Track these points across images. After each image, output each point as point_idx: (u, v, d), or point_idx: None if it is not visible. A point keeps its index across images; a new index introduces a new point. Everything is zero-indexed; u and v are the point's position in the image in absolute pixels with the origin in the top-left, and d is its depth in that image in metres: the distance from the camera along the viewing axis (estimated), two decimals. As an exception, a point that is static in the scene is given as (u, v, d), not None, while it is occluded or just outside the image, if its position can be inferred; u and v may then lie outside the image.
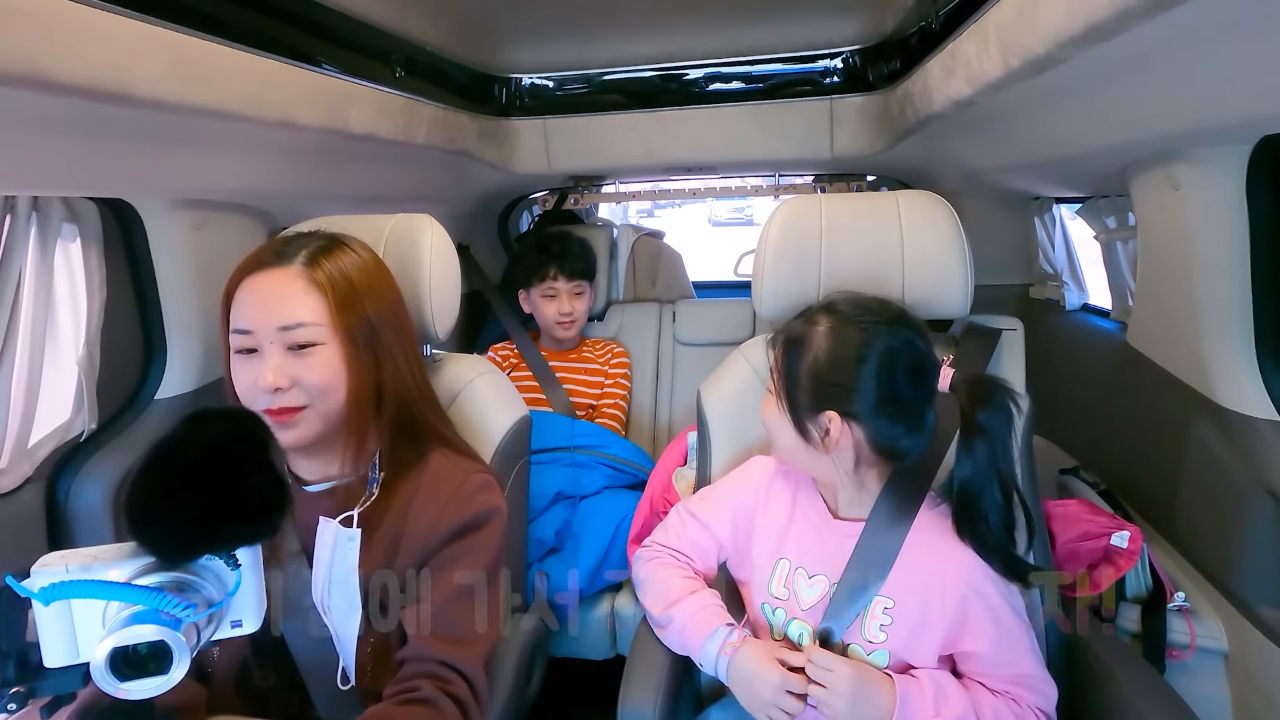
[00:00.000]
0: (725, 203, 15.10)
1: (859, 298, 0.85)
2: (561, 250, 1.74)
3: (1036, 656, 0.81)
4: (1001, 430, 0.76)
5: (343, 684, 0.79)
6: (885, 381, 0.77)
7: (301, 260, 0.79)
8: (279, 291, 0.77)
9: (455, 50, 1.45)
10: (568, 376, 1.73)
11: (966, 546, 0.81)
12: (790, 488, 0.92)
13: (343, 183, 1.33)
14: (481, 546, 0.83)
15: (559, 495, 1.41)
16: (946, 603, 0.79)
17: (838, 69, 1.59)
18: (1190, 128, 0.83)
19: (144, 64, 0.71)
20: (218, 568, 0.56)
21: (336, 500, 0.83)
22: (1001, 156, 1.33)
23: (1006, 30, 0.79)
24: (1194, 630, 0.97)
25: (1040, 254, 1.72)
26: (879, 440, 0.79)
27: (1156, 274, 1.08)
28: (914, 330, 0.80)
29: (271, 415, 0.76)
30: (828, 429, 0.79)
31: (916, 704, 0.76)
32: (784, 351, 0.84)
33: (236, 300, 0.78)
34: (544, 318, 1.75)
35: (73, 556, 0.54)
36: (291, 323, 0.76)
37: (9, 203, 0.91)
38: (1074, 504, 1.12)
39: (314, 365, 0.77)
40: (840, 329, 0.80)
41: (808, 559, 0.87)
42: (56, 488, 1.00)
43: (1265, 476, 0.91)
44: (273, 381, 0.74)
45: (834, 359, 0.79)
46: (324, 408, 0.78)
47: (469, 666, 0.77)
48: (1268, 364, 0.94)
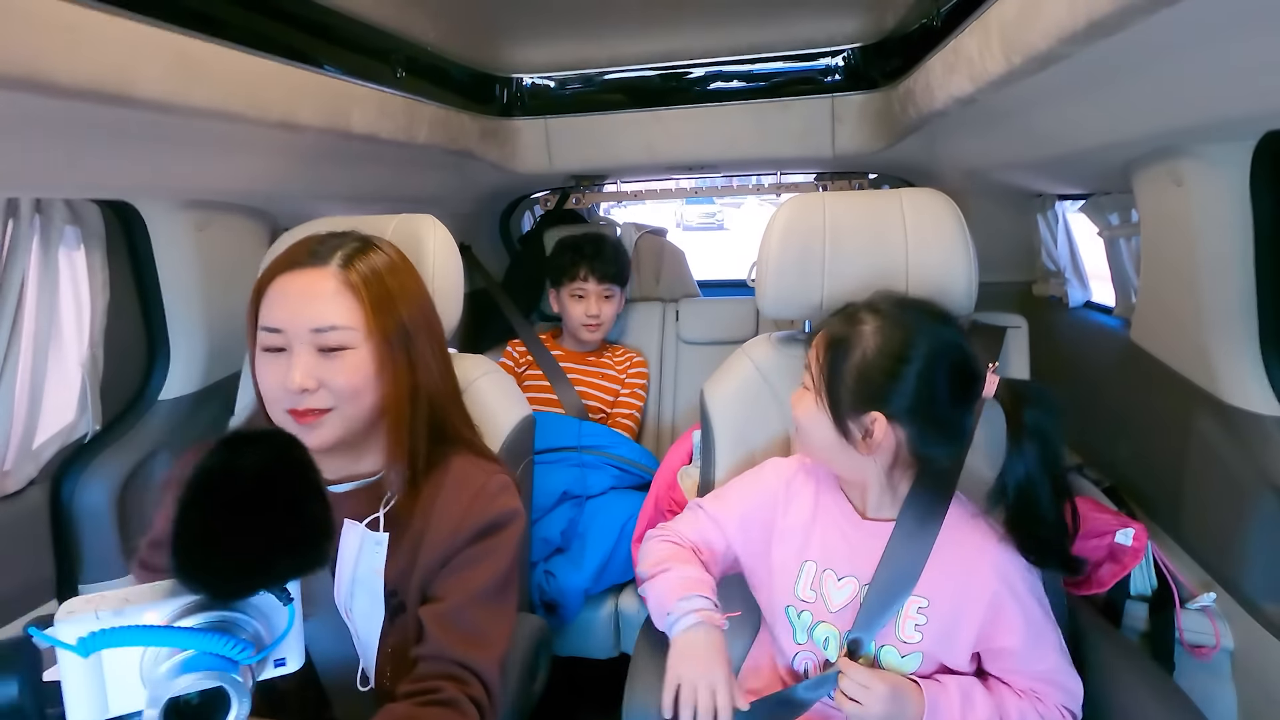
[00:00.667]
0: (696, 207, 15.05)
1: (904, 297, 0.84)
2: (595, 251, 1.73)
3: (1063, 652, 0.81)
4: (1052, 430, 0.76)
5: (362, 685, 0.79)
6: (933, 384, 0.76)
7: (337, 262, 0.78)
8: (313, 292, 0.76)
9: (456, 50, 1.45)
10: (582, 379, 1.72)
11: (995, 543, 0.81)
12: (811, 488, 0.91)
13: (345, 183, 1.33)
14: (501, 548, 0.82)
15: (565, 495, 1.42)
16: (980, 600, 0.79)
17: (839, 66, 1.59)
18: (1193, 124, 0.83)
19: (145, 65, 0.71)
20: (266, 604, 0.52)
21: (359, 501, 0.82)
22: (1004, 153, 1.32)
23: (1009, 26, 0.79)
24: (1218, 631, 0.96)
25: (1043, 251, 1.71)
26: (920, 443, 0.79)
27: (1160, 270, 1.08)
28: (959, 333, 0.80)
29: (296, 416, 0.76)
30: (870, 429, 0.78)
31: (945, 711, 0.76)
32: (828, 349, 0.82)
33: (268, 298, 0.77)
34: (570, 318, 1.74)
35: (102, 601, 0.49)
36: (324, 325, 0.75)
37: (12, 205, 0.91)
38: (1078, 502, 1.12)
39: (343, 368, 0.76)
40: (889, 329, 0.79)
41: (835, 560, 0.85)
42: (61, 489, 1.00)
43: (1270, 473, 0.90)
44: (300, 383, 0.74)
45: (882, 358, 0.78)
46: (350, 411, 0.77)
47: (486, 669, 0.77)
48: (1272, 360, 0.93)
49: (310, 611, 0.79)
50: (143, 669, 0.47)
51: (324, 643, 0.80)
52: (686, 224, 15.25)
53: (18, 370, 0.94)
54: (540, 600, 1.32)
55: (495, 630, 0.80)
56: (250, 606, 0.51)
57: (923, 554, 0.80)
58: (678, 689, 0.77)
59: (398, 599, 0.80)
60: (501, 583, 0.81)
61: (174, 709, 0.44)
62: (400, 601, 0.80)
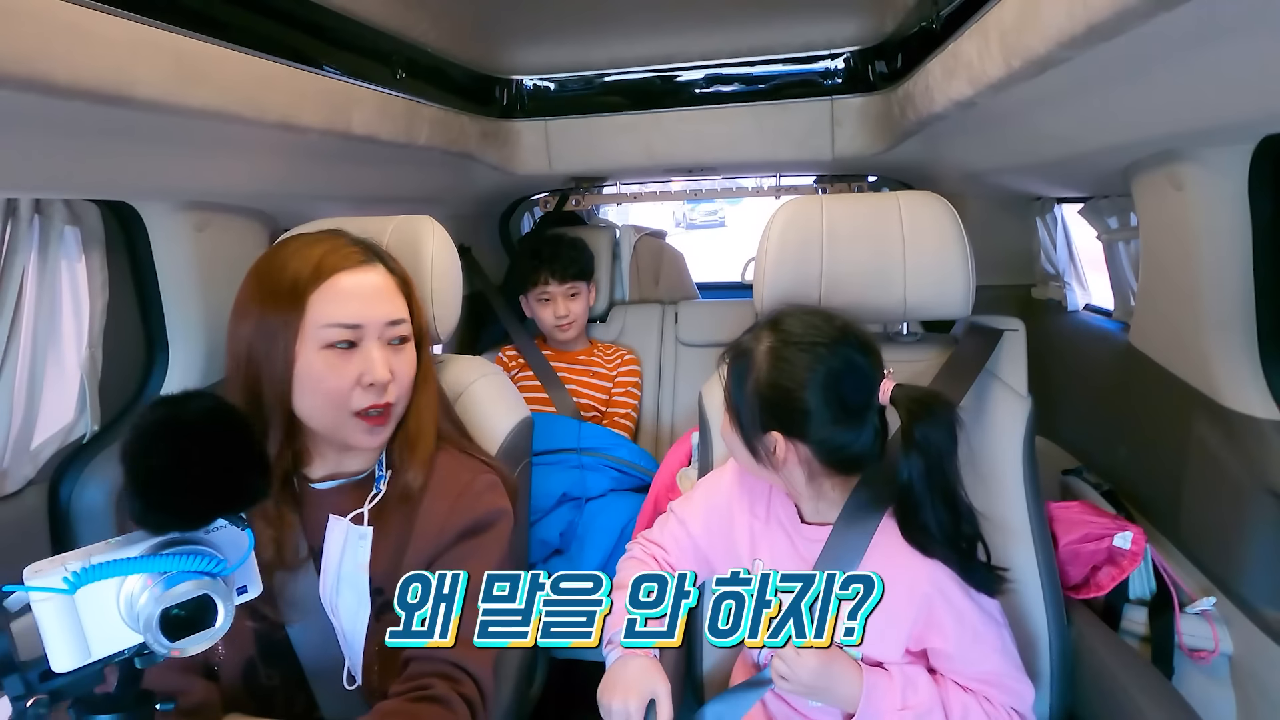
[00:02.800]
0: (701, 205, 15.05)
1: (803, 313, 0.85)
2: (552, 254, 1.74)
3: (1007, 656, 0.82)
4: (940, 444, 0.77)
5: (348, 684, 0.79)
6: (826, 402, 0.78)
7: (383, 263, 0.83)
8: (379, 288, 0.81)
9: (456, 52, 1.45)
10: (572, 378, 1.72)
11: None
12: (765, 489, 0.93)
13: (344, 184, 1.34)
14: (489, 547, 0.83)
15: (564, 497, 1.42)
16: (911, 602, 0.81)
17: (838, 69, 1.59)
18: (1192, 128, 0.83)
19: (146, 66, 0.71)
20: (229, 533, 0.56)
21: (345, 498, 0.83)
22: (1003, 157, 1.33)
23: (1008, 31, 0.79)
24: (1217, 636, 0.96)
25: (1042, 254, 1.71)
26: (826, 454, 0.81)
27: (1159, 274, 1.08)
28: (855, 347, 0.81)
29: (368, 418, 0.78)
30: (774, 447, 0.80)
31: (883, 694, 0.78)
32: (730, 369, 0.85)
33: (328, 297, 0.77)
34: (543, 322, 1.75)
35: (67, 558, 0.52)
36: (397, 318, 0.81)
37: (11, 206, 0.91)
38: (1076, 505, 1.12)
39: (407, 360, 0.82)
40: (781, 349, 0.80)
41: (780, 561, 0.88)
42: (59, 490, 1.00)
43: (1269, 477, 0.90)
44: (383, 374, 0.77)
45: (774, 381, 0.80)
46: (399, 408, 0.81)
47: (478, 668, 0.77)
48: (1271, 364, 0.93)
49: (296, 612, 0.80)
50: (121, 607, 0.51)
51: (310, 641, 0.80)
52: (691, 222, 15.24)
53: (16, 370, 0.93)
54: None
55: None
56: (216, 534, 0.55)
57: (856, 554, 0.83)
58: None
59: (384, 597, 0.80)
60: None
61: (165, 623, 0.49)
62: (387, 600, 0.80)
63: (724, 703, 0.87)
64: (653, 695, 0.77)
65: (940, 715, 0.79)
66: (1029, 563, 0.98)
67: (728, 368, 0.86)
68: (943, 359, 1.03)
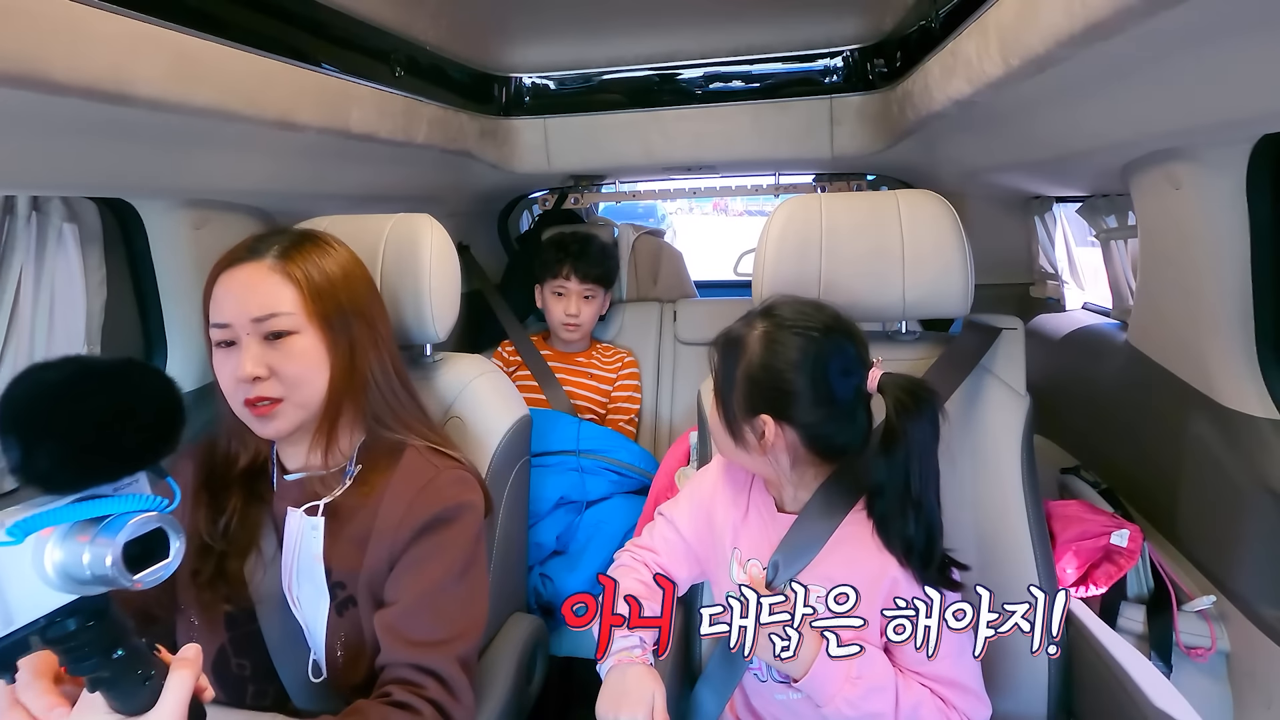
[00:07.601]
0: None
1: (797, 302, 0.86)
2: (580, 250, 1.71)
3: (964, 666, 0.82)
4: (922, 435, 0.77)
5: (315, 676, 0.80)
6: (816, 385, 0.79)
7: (274, 254, 0.81)
8: (252, 284, 0.79)
9: (455, 50, 1.45)
10: (569, 379, 1.71)
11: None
12: (745, 483, 0.94)
13: (343, 182, 1.33)
14: (452, 543, 0.82)
15: (562, 500, 1.41)
16: (878, 589, 0.81)
17: (837, 68, 1.59)
18: (1190, 126, 0.83)
19: (144, 64, 0.71)
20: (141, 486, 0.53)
21: (311, 490, 0.83)
22: (1001, 155, 1.33)
23: (1007, 29, 0.79)
24: (1215, 634, 0.97)
25: (1040, 253, 1.72)
26: (813, 440, 0.82)
27: (1157, 273, 1.08)
28: (846, 335, 0.82)
29: (251, 407, 0.77)
30: (763, 431, 0.81)
31: (837, 662, 0.77)
32: (721, 355, 0.86)
33: (214, 296, 0.80)
34: (551, 315, 1.73)
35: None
36: (265, 313, 0.78)
37: (9, 203, 0.91)
38: (1074, 504, 1.12)
39: (290, 354, 0.78)
40: (774, 333, 0.82)
41: (758, 551, 0.89)
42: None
43: (1266, 476, 0.91)
44: (250, 370, 0.76)
45: (767, 364, 0.81)
46: (301, 398, 0.79)
47: (443, 666, 0.77)
48: (1268, 363, 0.94)
49: (264, 602, 0.81)
50: (47, 565, 0.47)
51: (276, 633, 0.81)
52: (747, 209, 14.59)
53: (14, 368, 0.93)
54: (537, 604, 1.32)
55: (453, 627, 0.79)
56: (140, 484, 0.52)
57: (817, 541, 0.84)
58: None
59: (346, 592, 0.81)
60: (457, 578, 0.81)
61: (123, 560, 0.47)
62: (350, 596, 0.81)
63: (709, 685, 0.90)
64: (632, 715, 0.78)
65: (891, 695, 0.79)
66: (1027, 561, 0.98)
67: (719, 354, 0.87)
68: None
